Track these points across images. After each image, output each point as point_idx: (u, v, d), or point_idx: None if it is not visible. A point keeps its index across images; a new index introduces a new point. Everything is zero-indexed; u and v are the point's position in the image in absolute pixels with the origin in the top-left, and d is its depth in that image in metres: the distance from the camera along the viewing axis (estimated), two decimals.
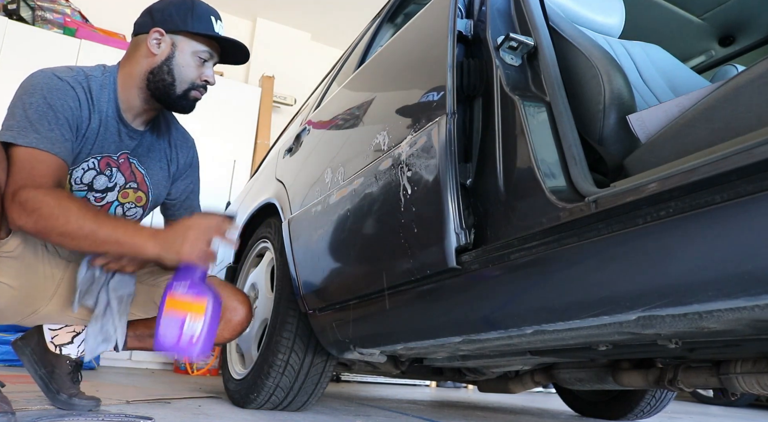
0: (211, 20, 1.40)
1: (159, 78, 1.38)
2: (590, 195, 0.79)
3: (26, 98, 1.24)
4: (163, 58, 1.38)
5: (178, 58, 1.38)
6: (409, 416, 1.97)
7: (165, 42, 1.38)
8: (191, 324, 1.04)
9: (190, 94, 1.41)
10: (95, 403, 1.47)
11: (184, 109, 1.43)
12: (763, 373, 1.05)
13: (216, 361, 3.59)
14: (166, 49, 1.38)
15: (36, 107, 1.23)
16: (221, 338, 1.49)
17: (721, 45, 1.87)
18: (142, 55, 1.39)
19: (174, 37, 1.38)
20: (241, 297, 1.51)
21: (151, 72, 1.38)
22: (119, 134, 1.40)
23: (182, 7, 1.39)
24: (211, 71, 1.43)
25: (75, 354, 1.47)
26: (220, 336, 1.48)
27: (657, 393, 2.17)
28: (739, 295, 0.62)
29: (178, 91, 1.39)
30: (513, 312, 0.92)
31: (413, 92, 1.25)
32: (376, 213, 1.24)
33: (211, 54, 1.42)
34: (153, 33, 1.37)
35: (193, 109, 1.44)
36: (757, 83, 0.68)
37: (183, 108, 1.42)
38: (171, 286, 1.08)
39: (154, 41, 1.38)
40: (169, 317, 1.05)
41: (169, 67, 1.38)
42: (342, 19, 5.09)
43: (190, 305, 1.05)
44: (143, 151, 1.46)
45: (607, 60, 1.01)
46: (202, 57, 1.40)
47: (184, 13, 1.39)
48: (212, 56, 1.43)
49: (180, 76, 1.38)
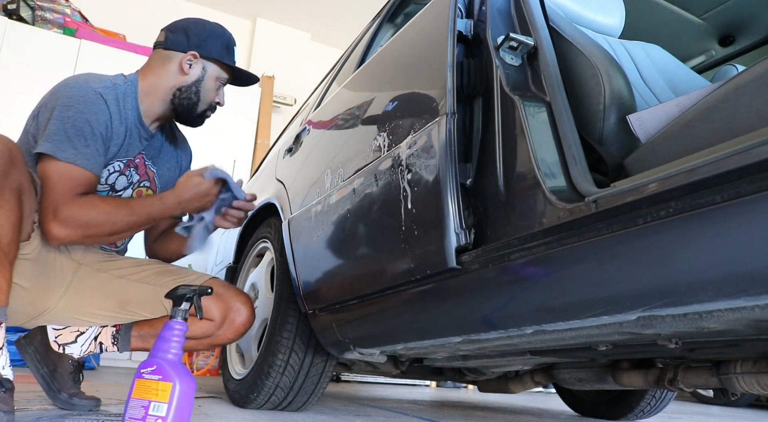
0: (234, 51, 1.57)
1: (186, 96, 1.52)
2: (590, 195, 0.79)
3: (64, 111, 1.32)
4: (193, 79, 1.52)
5: (206, 81, 1.53)
6: (409, 416, 1.97)
7: (198, 65, 1.52)
8: (156, 407, 1.06)
9: (206, 114, 1.58)
10: (95, 403, 1.47)
11: (195, 124, 1.59)
12: (763, 373, 1.05)
13: (216, 361, 3.59)
14: (198, 71, 1.52)
15: (74, 122, 1.31)
16: (224, 339, 1.52)
17: (721, 45, 1.87)
18: (171, 71, 1.51)
19: (205, 62, 1.53)
20: (244, 299, 1.53)
21: (179, 89, 1.51)
22: (139, 138, 1.51)
23: (217, 36, 1.55)
24: (223, 94, 1.59)
25: (78, 354, 1.48)
26: (223, 337, 1.51)
27: (657, 393, 2.17)
28: (739, 295, 0.62)
29: (198, 111, 1.55)
30: (513, 312, 0.92)
31: (413, 92, 1.25)
32: (376, 213, 1.24)
33: (227, 80, 1.59)
34: (189, 55, 1.50)
35: (202, 125, 1.60)
36: (757, 83, 0.68)
37: (196, 124, 1.59)
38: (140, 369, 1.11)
39: (187, 62, 1.51)
40: (135, 400, 1.08)
41: (197, 88, 1.52)
42: (342, 19, 5.09)
43: (156, 389, 1.08)
44: (155, 152, 1.58)
45: (607, 60, 1.01)
46: (222, 82, 1.57)
47: (216, 41, 1.54)
48: (226, 82, 1.59)
49: (204, 98, 1.54)
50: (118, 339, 1.49)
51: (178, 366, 1.12)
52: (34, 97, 3.98)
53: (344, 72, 2.08)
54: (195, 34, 1.53)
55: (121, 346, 1.49)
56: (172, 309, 1.20)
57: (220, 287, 1.50)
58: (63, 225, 1.24)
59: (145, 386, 1.09)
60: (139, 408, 1.07)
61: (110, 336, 1.49)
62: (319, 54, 5.33)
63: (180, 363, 1.14)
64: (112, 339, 1.49)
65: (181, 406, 1.08)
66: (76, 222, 1.25)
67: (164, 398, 1.07)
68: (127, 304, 1.46)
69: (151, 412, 1.06)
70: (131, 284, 1.46)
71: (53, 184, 1.26)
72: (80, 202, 1.27)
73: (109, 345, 1.49)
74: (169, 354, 1.13)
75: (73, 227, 1.25)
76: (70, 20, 4.00)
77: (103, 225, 1.29)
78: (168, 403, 1.07)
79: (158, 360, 1.12)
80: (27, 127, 1.40)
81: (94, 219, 1.27)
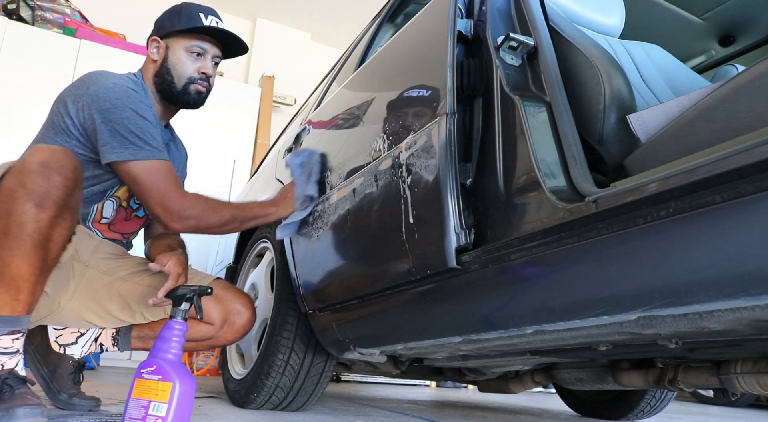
0: (200, 16, 1.52)
1: (161, 79, 1.53)
2: (590, 195, 0.79)
3: (118, 113, 1.35)
4: (161, 61, 1.53)
5: (171, 57, 1.53)
6: (409, 416, 1.97)
7: (161, 47, 1.54)
8: (156, 407, 1.06)
9: (190, 88, 1.54)
10: (95, 403, 1.47)
11: (189, 103, 1.55)
12: (763, 373, 1.05)
13: (216, 361, 3.59)
14: (162, 52, 1.54)
15: (133, 121, 1.36)
16: (224, 340, 1.52)
17: (721, 45, 1.87)
18: (148, 63, 1.56)
19: (168, 41, 1.54)
20: (245, 300, 1.54)
21: (155, 75, 1.54)
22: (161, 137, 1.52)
23: (172, 12, 1.55)
24: (208, 62, 1.55)
25: (78, 355, 1.48)
26: (223, 338, 1.51)
27: (657, 393, 2.17)
28: (739, 295, 0.62)
29: (179, 87, 1.53)
30: (513, 312, 0.92)
31: (413, 92, 1.25)
32: (376, 213, 1.24)
33: (202, 47, 1.54)
34: (151, 42, 1.54)
35: (201, 102, 1.57)
36: (757, 83, 0.68)
37: (189, 102, 1.55)
38: (140, 369, 1.11)
39: (153, 49, 1.55)
40: (135, 400, 1.08)
41: (166, 68, 1.53)
42: (342, 19, 5.09)
43: (156, 389, 1.08)
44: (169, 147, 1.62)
45: (607, 60, 1.01)
46: (194, 51, 1.53)
47: (173, 16, 1.54)
48: (206, 50, 1.54)
49: (177, 73, 1.52)
50: (118, 341, 1.49)
51: (178, 366, 1.12)
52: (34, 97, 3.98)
53: (344, 72, 2.08)
54: (156, 22, 1.57)
55: (122, 347, 1.49)
56: (172, 309, 1.20)
57: (220, 289, 1.51)
58: (177, 217, 1.36)
59: (145, 386, 1.09)
60: (139, 408, 1.07)
61: (110, 338, 1.49)
62: (319, 54, 5.32)
63: (180, 363, 1.14)
64: (112, 340, 1.49)
65: (181, 406, 1.08)
66: (186, 214, 1.37)
67: (164, 398, 1.07)
68: (130, 306, 1.46)
69: (151, 412, 1.06)
70: (135, 286, 1.46)
71: (149, 184, 1.35)
72: (184, 197, 1.38)
73: (110, 346, 1.49)
74: (169, 354, 1.13)
75: (185, 218, 1.37)
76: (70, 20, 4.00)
77: (209, 217, 1.41)
78: (168, 403, 1.07)
79: (158, 360, 1.12)
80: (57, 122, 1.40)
81: (199, 212, 1.39)
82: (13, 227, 1.10)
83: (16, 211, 1.10)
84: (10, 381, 1.11)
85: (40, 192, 1.11)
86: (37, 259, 1.12)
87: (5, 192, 1.12)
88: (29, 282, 1.12)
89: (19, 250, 1.10)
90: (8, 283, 1.11)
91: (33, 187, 1.11)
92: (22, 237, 1.10)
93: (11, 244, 1.10)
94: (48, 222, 1.12)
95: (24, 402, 1.08)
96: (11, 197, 1.11)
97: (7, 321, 1.12)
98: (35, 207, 1.11)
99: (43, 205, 1.11)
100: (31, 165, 1.13)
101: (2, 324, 1.12)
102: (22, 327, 1.15)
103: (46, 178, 1.12)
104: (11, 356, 1.14)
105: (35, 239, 1.11)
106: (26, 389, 1.12)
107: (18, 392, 1.10)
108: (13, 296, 1.11)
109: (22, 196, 1.10)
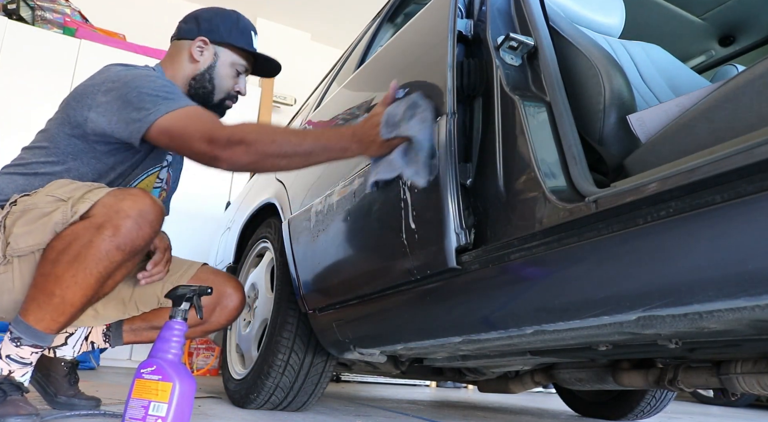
0: (252, 35, 1.49)
1: (200, 85, 1.46)
2: (590, 195, 0.79)
3: (146, 82, 1.25)
4: (205, 66, 1.45)
5: (219, 68, 1.46)
6: (409, 416, 1.97)
7: (208, 51, 1.46)
8: (156, 407, 1.06)
9: (225, 103, 1.50)
10: (95, 403, 1.47)
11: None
12: (763, 373, 1.05)
13: (216, 361, 3.59)
14: (209, 57, 1.46)
15: (161, 85, 1.26)
16: (217, 324, 1.52)
17: (721, 45, 1.87)
18: (185, 60, 1.45)
19: (217, 48, 1.46)
20: (234, 284, 1.54)
21: (194, 78, 1.46)
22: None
23: (228, 20, 1.48)
24: (244, 83, 1.52)
25: (71, 356, 1.47)
26: (217, 322, 1.51)
27: (657, 393, 2.17)
28: (739, 295, 0.62)
29: (216, 100, 1.48)
30: (513, 312, 0.92)
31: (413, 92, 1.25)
32: (376, 214, 1.24)
33: (246, 68, 1.51)
34: (198, 41, 1.45)
35: (224, 116, 1.50)
36: (757, 83, 0.68)
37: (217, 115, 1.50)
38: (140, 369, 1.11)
39: (197, 49, 1.45)
40: (135, 400, 1.08)
41: (210, 76, 1.46)
42: (342, 19, 5.08)
43: (156, 389, 1.08)
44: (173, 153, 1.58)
45: (607, 60, 1.01)
46: (239, 69, 1.49)
47: (230, 26, 1.47)
48: (247, 70, 1.52)
49: (219, 86, 1.47)
50: (110, 337, 1.48)
51: (178, 366, 1.12)
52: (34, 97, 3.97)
53: (344, 72, 2.08)
54: (205, 20, 1.47)
55: (114, 342, 1.48)
56: (172, 309, 1.20)
57: (210, 274, 1.52)
58: (224, 147, 1.14)
59: (145, 386, 1.09)
60: (139, 408, 1.07)
61: (101, 334, 1.48)
62: (319, 54, 5.32)
63: (180, 363, 1.14)
64: (103, 337, 1.48)
65: (181, 406, 1.08)
66: (234, 140, 1.14)
67: (164, 398, 1.07)
68: (123, 301, 1.45)
69: (151, 412, 1.06)
70: (130, 280, 1.45)
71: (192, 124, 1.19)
72: (238, 125, 1.18)
73: (101, 343, 1.48)
74: (169, 354, 1.13)
75: (234, 145, 1.14)
76: (70, 20, 4.00)
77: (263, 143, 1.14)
78: (168, 403, 1.07)
79: (158, 360, 1.12)
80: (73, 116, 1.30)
81: (250, 136, 1.14)
82: (88, 259, 1.11)
83: (97, 246, 1.11)
84: (5, 387, 1.11)
85: (128, 238, 1.13)
86: (93, 292, 1.15)
87: (94, 222, 1.13)
88: (76, 309, 1.14)
89: (83, 280, 1.12)
90: (57, 305, 1.12)
91: (124, 231, 1.13)
92: (91, 270, 1.12)
93: (77, 272, 1.11)
94: (118, 264, 1.15)
95: (15, 410, 1.08)
96: (99, 231, 1.12)
97: (37, 335, 1.14)
98: (116, 249, 1.13)
99: (124, 249, 1.14)
100: (129, 209, 1.14)
101: (31, 336, 1.13)
102: (46, 344, 1.16)
103: (139, 227, 1.14)
104: (23, 366, 1.15)
105: (102, 276, 1.14)
106: (19, 396, 1.12)
107: (10, 399, 1.10)
108: (55, 317, 1.13)
109: (109, 234, 1.12)
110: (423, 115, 1.09)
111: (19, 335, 1.13)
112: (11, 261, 1.19)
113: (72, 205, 1.15)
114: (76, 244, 1.12)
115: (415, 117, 1.09)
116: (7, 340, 1.14)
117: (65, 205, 1.16)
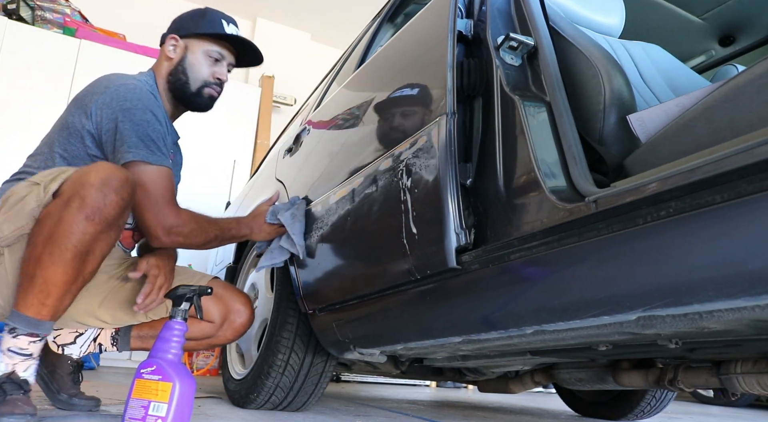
0: (222, 23, 1.55)
1: (176, 78, 1.53)
2: (590, 195, 0.79)
3: (139, 114, 1.36)
4: (177, 60, 1.54)
5: (189, 58, 1.54)
6: (409, 416, 1.97)
7: (179, 46, 1.55)
8: (156, 407, 1.07)
9: (204, 91, 1.55)
10: (95, 403, 1.47)
11: (200, 106, 1.58)
12: (763, 373, 1.05)
13: (216, 361, 3.59)
14: (180, 52, 1.54)
15: (152, 125, 1.37)
16: (224, 339, 1.54)
17: (721, 45, 1.87)
18: (163, 61, 1.56)
19: (187, 41, 1.55)
20: (244, 300, 1.56)
21: (170, 73, 1.54)
22: (171, 138, 1.55)
23: (195, 14, 1.57)
24: (224, 69, 1.58)
25: (77, 355, 1.48)
26: (223, 337, 1.53)
27: (657, 393, 2.17)
28: (739, 295, 0.62)
29: (193, 89, 1.54)
30: (513, 312, 0.92)
31: (413, 92, 1.25)
32: (376, 214, 1.24)
33: (221, 53, 1.56)
34: (169, 40, 1.55)
35: (210, 106, 1.59)
36: (757, 83, 0.68)
37: (200, 105, 1.58)
38: (140, 369, 1.11)
39: (170, 47, 1.55)
40: (135, 400, 1.09)
41: (183, 67, 1.53)
42: (342, 19, 5.09)
43: (156, 389, 1.08)
44: (174, 147, 1.62)
45: (607, 60, 1.01)
46: (213, 56, 1.55)
47: (196, 18, 1.56)
48: (223, 56, 1.57)
49: (193, 75, 1.54)
50: (117, 340, 1.49)
51: (178, 366, 1.12)
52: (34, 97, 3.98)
53: (344, 72, 2.08)
54: (175, 21, 1.58)
55: (121, 347, 1.49)
56: (172, 309, 1.20)
57: (220, 288, 1.52)
58: (167, 233, 1.36)
59: (145, 386, 1.09)
60: (139, 408, 1.07)
61: (110, 337, 1.49)
62: (319, 54, 5.32)
63: (180, 363, 1.14)
64: (111, 340, 1.49)
65: (181, 406, 1.08)
66: (175, 232, 1.37)
67: (164, 398, 1.07)
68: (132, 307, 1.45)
69: (151, 412, 1.06)
70: (137, 286, 1.45)
71: (152, 191, 1.34)
72: (179, 214, 1.38)
73: (109, 346, 1.49)
74: (168, 354, 1.13)
75: (174, 235, 1.37)
76: (70, 20, 4.00)
77: (196, 236, 1.42)
78: (168, 403, 1.07)
79: (158, 360, 1.12)
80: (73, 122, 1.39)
81: (188, 231, 1.39)
82: (60, 234, 1.13)
83: (67, 220, 1.13)
84: (6, 386, 1.11)
85: (95, 207, 1.14)
86: (73, 269, 1.14)
87: (62, 199, 1.15)
88: (60, 289, 1.14)
89: (59, 257, 1.12)
90: (40, 287, 1.13)
91: (89, 200, 1.14)
92: (65, 245, 1.13)
93: (53, 250, 1.12)
94: (93, 236, 1.15)
95: (12, 409, 1.08)
96: (66, 205, 1.14)
97: (30, 322, 1.14)
98: (85, 220, 1.14)
99: (93, 219, 1.14)
100: (93, 179, 1.15)
101: (24, 324, 1.13)
102: (42, 332, 1.16)
103: (104, 195, 1.15)
104: (24, 358, 1.14)
105: (77, 249, 1.14)
106: (20, 395, 1.12)
107: (9, 398, 1.10)
108: (42, 300, 1.13)
109: (76, 206, 1.13)
110: (293, 211, 1.60)
111: (14, 325, 1.14)
112: (2, 253, 1.21)
113: (44, 187, 1.19)
114: (48, 222, 1.14)
115: (289, 210, 1.60)
116: (6, 332, 1.14)
117: (38, 187, 1.19)
